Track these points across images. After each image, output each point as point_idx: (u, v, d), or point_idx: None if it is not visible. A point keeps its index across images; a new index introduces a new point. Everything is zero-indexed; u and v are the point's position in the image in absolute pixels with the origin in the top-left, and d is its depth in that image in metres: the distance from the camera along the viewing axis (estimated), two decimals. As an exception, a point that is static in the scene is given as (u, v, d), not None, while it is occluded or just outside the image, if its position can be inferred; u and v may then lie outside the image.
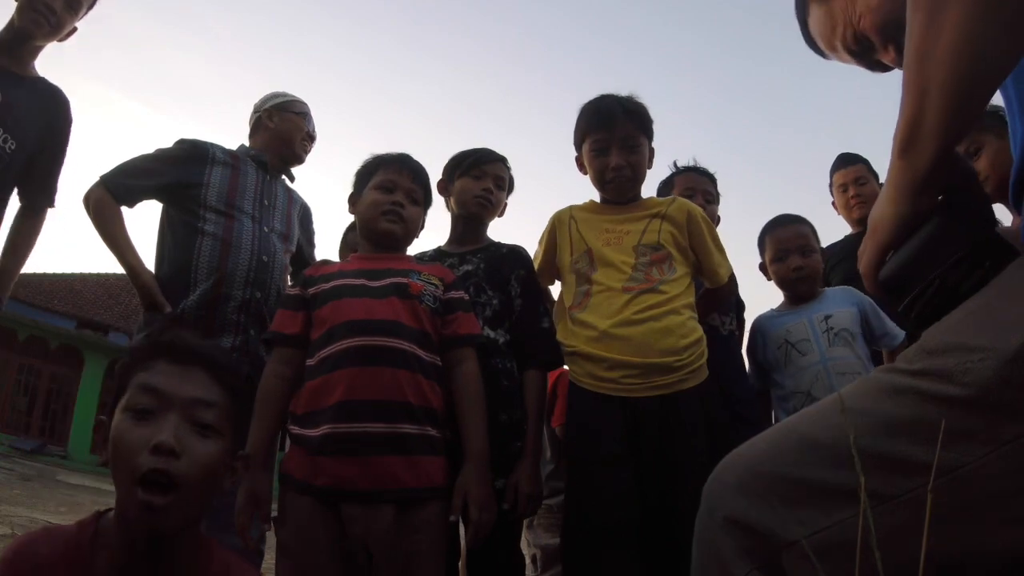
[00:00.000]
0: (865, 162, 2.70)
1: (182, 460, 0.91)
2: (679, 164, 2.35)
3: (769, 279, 2.25)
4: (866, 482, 0.57)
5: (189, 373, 0.98)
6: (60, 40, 2.02)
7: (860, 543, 0.56)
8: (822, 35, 1.00)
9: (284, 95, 2.26)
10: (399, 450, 1.41)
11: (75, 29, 2.04)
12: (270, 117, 2.21)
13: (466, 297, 1.66)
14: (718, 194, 2.33)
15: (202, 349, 1.03)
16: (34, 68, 2.01)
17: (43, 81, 2.02)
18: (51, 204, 2.09)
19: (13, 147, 1.89)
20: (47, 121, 2.01)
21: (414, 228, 1.70)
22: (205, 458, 0.94)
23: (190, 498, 0.92)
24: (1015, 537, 0.59)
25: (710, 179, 2.33)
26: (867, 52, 0.96)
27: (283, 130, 2.20)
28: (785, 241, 2.19)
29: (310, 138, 2.27)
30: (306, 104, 2.29)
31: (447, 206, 1.92)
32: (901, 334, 2.10)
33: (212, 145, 2.09)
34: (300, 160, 2.26)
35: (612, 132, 1.78)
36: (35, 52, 2.00)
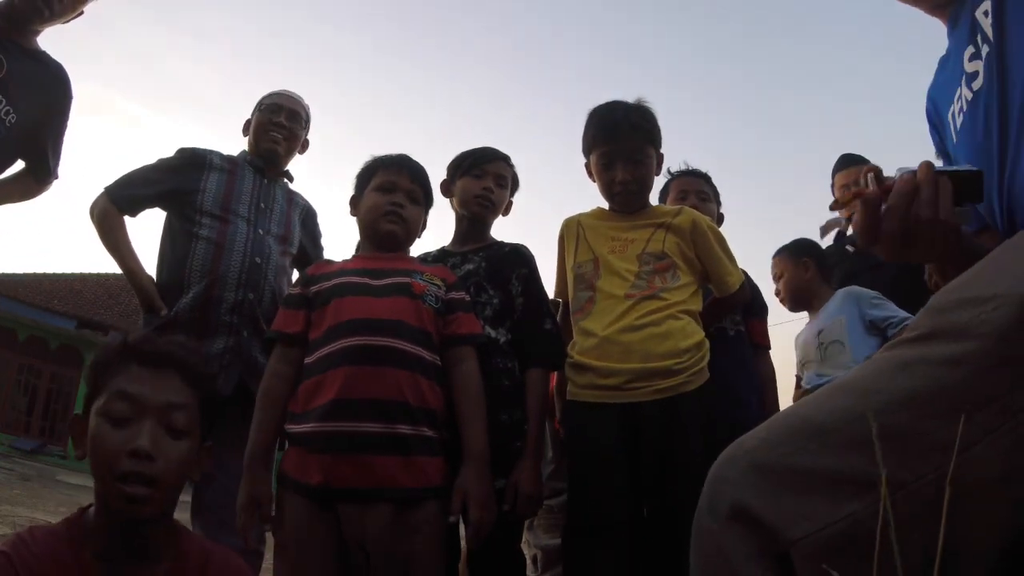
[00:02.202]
0: (867, 163, 2.70)
1: (158, 462, 1.01)
2: (672, 170, 2.37)
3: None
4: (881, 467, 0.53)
5: (161, 377, 1.07)
6: (64, 23, 1.99)
7: (880, 536, 0.52)
8: None
9: (265, 94, 2.26)
10: (396, 450, 1.40)
11: (81, 12, 2.01)
12: (249, 121, 2.24)
13: (467, 298, 1.66)
14: (715, 192, 2.35)
15: (173, 352, 1.10)
16: (36, 42, 1.99)
17: (46, 55, 2.01)
18: (55, 176, 2.10)
19: (14, 120, 1.88)
20: (49, 96, 2.00)
21: (415, 228, 1.70)
22: (178, 458, 1.05)
23: (165, 491, 1.04)
24: None
25: (703, 179, 2.35)
26: None
27: (254, 130, 2.21)
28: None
29: (278, 127, 2.17)
30: (281, 95, 2.22)
31: (451, 206, 1.92)
32: (900, 315, 2.14)
33: (211, 152, 2.12)
34: (274, 152, 2.17)
35: (618, 146, 1.79)
36: (37, 31, 1.98)
